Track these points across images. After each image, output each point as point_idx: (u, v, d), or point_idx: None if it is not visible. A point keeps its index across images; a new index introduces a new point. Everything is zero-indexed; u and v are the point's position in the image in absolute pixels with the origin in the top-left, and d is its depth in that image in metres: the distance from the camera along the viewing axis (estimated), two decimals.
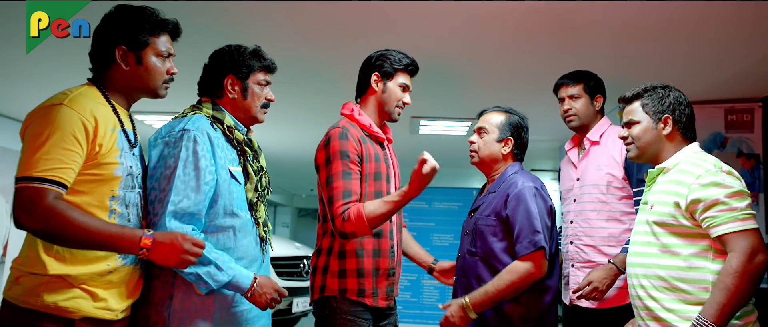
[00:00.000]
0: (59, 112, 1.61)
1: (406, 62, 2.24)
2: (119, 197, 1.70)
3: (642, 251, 1.93)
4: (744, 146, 4.13)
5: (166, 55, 1.82)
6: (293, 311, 5.36)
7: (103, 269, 1.67)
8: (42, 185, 1.55)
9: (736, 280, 1.70)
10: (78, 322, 1.63)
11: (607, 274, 2.39)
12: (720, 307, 1.70)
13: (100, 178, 1.66)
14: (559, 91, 2.66)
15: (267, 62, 2.03)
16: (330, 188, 2.05)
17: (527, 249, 2.12)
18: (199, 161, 1.81)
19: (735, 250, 1.73)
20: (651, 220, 1.90)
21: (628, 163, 2.48)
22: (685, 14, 2.83)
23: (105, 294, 1.68)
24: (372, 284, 2.11)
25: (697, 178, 1.80)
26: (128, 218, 1.73)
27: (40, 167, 1.55)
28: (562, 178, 2.76)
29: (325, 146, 2.10)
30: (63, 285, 1.61)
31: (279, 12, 2.95)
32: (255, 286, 1.86)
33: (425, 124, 5.27)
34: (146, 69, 1.78)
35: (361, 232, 2.02)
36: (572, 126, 2.64)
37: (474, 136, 2.38)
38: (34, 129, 1.60)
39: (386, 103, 2.23)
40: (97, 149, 1.65)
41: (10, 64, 3.84)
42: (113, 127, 1.71)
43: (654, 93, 1.99)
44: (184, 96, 2.36)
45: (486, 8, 2.83)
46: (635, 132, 2.00)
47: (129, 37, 1.76)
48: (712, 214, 1.77)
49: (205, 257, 1.77)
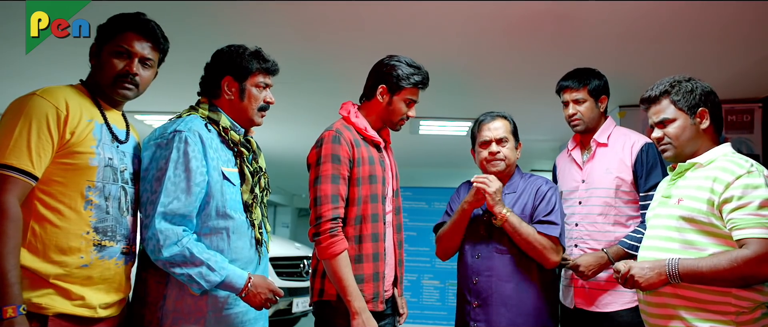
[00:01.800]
0: (30, 102, 1.65)
1: (416, 81, 2.17)
2: (97, 188, 1.70)
3: (661, 246, 1.88)
4: (744, 147, 4.12)
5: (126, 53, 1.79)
6: (293, 311, 5.36)
7: (77, 262, 1.67)
8: (7, 173, 1.58)
9: (728, 266, 1.71)
10: (52, 318, 1.62)
11: (597, 262, 2.40)
12: (697, 271, 1.74)
13: (74, 167, 1.67)
14: (563, 95, 2.60)
15: (267, 64, 1.99)
16: (317, 189, 2.05)
17: (555, 230, 2.28)
18: (190, 162, 1.80)
19: (749, 248, 1.71)
20: (677, 214, 1.85)
21: (638, 167, 2.46)
22: (685, 14, 2.83)
23: (82, 291, 1.68)
24: (372, 289, 2.10)
25: (737, 178, 1.75)
26: (106, 210, 1.73)
27: (8, 155, 1.59)
28: (563, 178, 2.70)
29: (317, 147, 2.10)
30: (36, 281, 1.62)
31: (279, 12, 2.95)
32: (249, 286, 1.85)
33: (425, 124, 5.27)
34: (101, 65, 1.79)
35: (322, 254, 2.02)
36: (578, 130, 2.59)
37: (495, 146, 2.37)
38: (6, 118, 1.64)
39: (389, 116, 2.21)
40: (69, 137, 1.66)
41: (10, 64, 3.84)
42: (91, 117, 1.72)
43: (681, 87, 1.91)
44: (185, 96, 2.35)
45: (486, 8, 2.83)
46: (672, 131, 1.90)
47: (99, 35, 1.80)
48: (739, 216, 1.73)
49: (196, 257, 1.76)
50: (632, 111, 4.23)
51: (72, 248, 1.66)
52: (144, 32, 1.82)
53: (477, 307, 2.32)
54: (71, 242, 1.66)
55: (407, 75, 2.16)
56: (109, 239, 1.73)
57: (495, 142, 2.38)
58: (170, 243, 1.75)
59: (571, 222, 2.59)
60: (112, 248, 1.74)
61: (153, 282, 1.84)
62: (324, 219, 2.02)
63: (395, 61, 2.18)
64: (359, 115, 2.20)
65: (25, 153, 1.60)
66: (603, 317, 2.44)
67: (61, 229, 1.65)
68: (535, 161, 6.94)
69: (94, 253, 1.70)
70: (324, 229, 2.02)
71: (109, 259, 1.74)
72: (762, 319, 1.77)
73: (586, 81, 2.55)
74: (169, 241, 1.75)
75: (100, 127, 1.74)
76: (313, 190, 2.07)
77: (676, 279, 1.77)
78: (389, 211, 2.22)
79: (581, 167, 2.62)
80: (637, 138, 2.53)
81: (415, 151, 6.56)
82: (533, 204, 2.34)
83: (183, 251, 1.75)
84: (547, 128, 5.04)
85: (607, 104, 2.62)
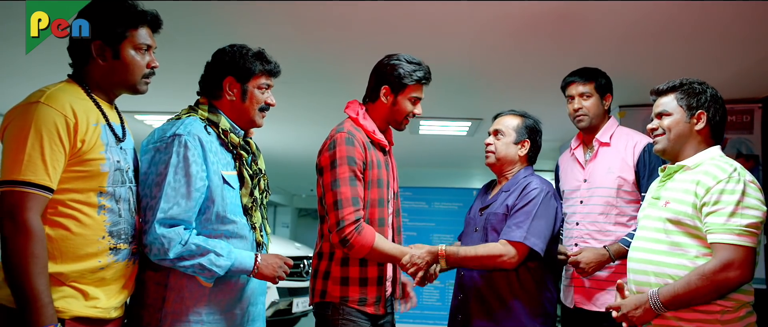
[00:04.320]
0: (37, 111, 1.58)
1: (419, 77, 2.17)
2: (108, 192, 1.68)
3: (649, 247, 1.92)
4: (743, 147, 4.12)
5: (145, 48, 1.76)
6: (293, 311, 5.36)
7: (95, 266, 1.66)
8: (27, 189, 1.54)
9: (700, 282, 1.76)
10: (68, 322, 1.61)
11: (597, 258, 2.41)
12: (675, 295, 1.79)
13: (86, 175, 1.64)
14: (569, 89, 2.61)
15: (270, 66, 1.97)
16: (336, 192, 2.03)
17: (519, 237, 2.18)
18: (190, 167, 1.78)
19: (716, 257, 1.76)
20: (664, 216, 1.89)
21: (640, 167, 2.47)
22: (685, 14, 2.83)
23: (96, 292, 1.67)
24: (375, 293, 2.10)
25: (717, 182, 1.79)
26: (119, 213, 1.71)
27: (24, 171, 1.54)
28: (565, 177, 2.71)
29: (331, 149, 2.07)
30: (53, 283, 1.59)
31: (279, 12, 2.94)
32: (259, 261, 1.86)
33: (425, 124, 5.27)
34: (124, 63, 1.73)
35: (358, 254, 2.04)
36: (582, 126, 2.60)
37: (490, 138, 2.42)
38: (14, 130, 1.58)
39: (394, 116, 2.20)
40: (80, 145, 1.62)
41: (10, 64, 3.84)
42: (96, 121, 1.68)
43: (690, 87, 1.96)
44: (184, 96, 2.35)
45: (487, 8, 2.83)
46: (666, 123, 1.96)
47: (105, 30, 1.70)
48: (711, 221, 1.78)
49: (203, 248, 1.77)
50: (632, 111, 4.22)
51: (89, 254, 1.65)
52: (155, 27, 1.80)
53: (461, 300, 2.36)
54: (88, 248, 1.65)
55: (409, 72, 2.15)
56: (123, 242, 1.73)
57: (491, 134, 2.43)
58: (175, 244, 1.74)
59: (572, 221, 2.59)
60: (125, 250, 1.74)
61: (152, 284, 1.83)
62: (347, 222, 2.01)
63: (395, 60, 2.17)
64: (367, 117, 2.18)
65: (41, 167, 1.55)
66: (602, 316, 2.44)
67: (78, 236, 1.63)
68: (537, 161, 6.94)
69: (111, 256, 1.69)
70: (349, 232, 2.01)
71: (122, 261, 1.74)
72: (747, 317, 1.82)
73: (593, 77, 2.57)
74: (174, 242, 1.74)
75: (105, 129, 1.71)
76: (331, 193, 2.04)
77: (661, 309, 1.82)
78: (390, 213, 2.22)
79: (583, 166, 2.62)
80: (639, 138, 2.54)
81: (415, 151, 6.56)
82: (514, 202, 2.29)
83: (189, 247, 1.76)
84: (548, 128, 5.01)
85: (611, 104, 2.63)
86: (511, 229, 2.21)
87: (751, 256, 1.76)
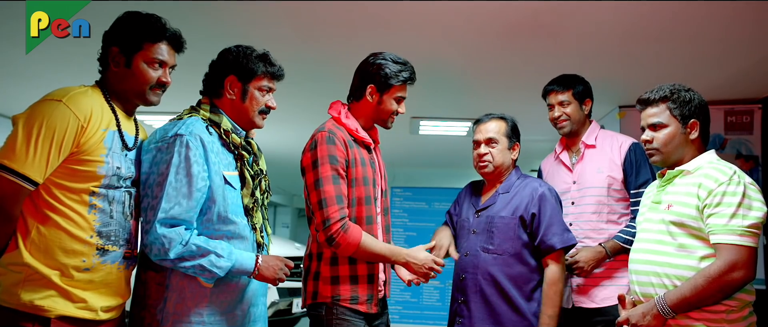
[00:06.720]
0: (56, 109, 1.64)
1: (405, 78, 2.17)
2: (100, 194, 1.71)
3: (654, 249, 1.95)
4: (743, 148, 4.12)
5: (159, 63, 1.81)
6: (293, 311, 5.36)
7: (79, 264, 1.67)
8: (21, 182, 1.60)
9: (706, 284, 1.78)
10: (54, 321, 1.63)
11: (595, 256, 2.47)
12: (682, 298, 1.81)
13: (82, 174, 1.68)
14: (548, 98, 2.70)
15: (273, 69, 1.97)
16: (319, 191, 2.03)
17: (564, 243, 2.28)
18: (191, 167, 1.79)
19: (720, 258, 1.79)
20: (667, 219, 1.92)
21: (627, 166, 2.55)
22: (685, 15, 2.83)
23: (84, 294, 1.68)
24: (366, 291, 2.10)
25: (719, 185, 1.83)
26: (111, 215, 1.73)
27: (27, 163, 1.60)
28: (551, 180, 2.74)
29: (312, 149, 2.07)
30: (40, 283, 1.62)
31: (279, 12, 2.95)
32: (260, 263, 1.86)
33: (425, 124, 5.27)
34: (133, 73, 1.78)
35: (345, 252, 2.03)
36: (564, 132, 2.68)
37: (483, 148, 2.41)
38: (29, 120, 1.64)
39: (380, 114, 2.20)
40: (81, 146, 1.67)
41: (10, 64, 3.84)
42: (105, 127, 1.72)
43: (680, 96, 1.98)
44: (185, 97, 2.35)
45: (485, 8, 2.83)
46: (662, 137, 1.98)
47: (123, 38, 1.77)
48: (714, 222, 1.81)
49: (204, 249, 1.77)
50: (632, 111, 4.22)
51: (75, 251, 1.67)
52: (176, 45, 1.85)
53: (462, 304, 2.35)
54: (74, 245, 1.67)
55: (395, 73, 2.15)
56: (112, 244, 1.74)
57: (483, 144, 2.41)
58: (175, 244, 1.75)
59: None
60: (114, 253, 1.75)
61: (153, 284, 1.83)
62: (332, 221, 2.01)
63: (381, 59, 2.17)
64: (350, 116, 2.19)
65: (39, 164, 1.62)
66: (600, 312, 2.48)
67: (65, 232, 1.66)
68: (535, 161, 6.93)
69: (97, 257, 1.71)
70: (335, 231, 2.01)
71: (111, 264, 1.74)
72: (750, 316, 1.86)
73: (571, 84, 2.65)
74: (174, 243, 1.75)
75: (113, 135, 1.74)
76: (315, 193, 2.05)
77: (669, 314, 1.84)
78: (378, 212, 2.22)
79: (571, 169, 2.70)
80: (623, 139, 2.64)
81: (415, 151, 6.56)
82: (526, 208, 2.31)
83: (189, 247, 1.76)
84: (547, 128, 5.01)
85: (591, 108, 2.70)
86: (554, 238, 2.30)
87: (753, 256, 1.79)
